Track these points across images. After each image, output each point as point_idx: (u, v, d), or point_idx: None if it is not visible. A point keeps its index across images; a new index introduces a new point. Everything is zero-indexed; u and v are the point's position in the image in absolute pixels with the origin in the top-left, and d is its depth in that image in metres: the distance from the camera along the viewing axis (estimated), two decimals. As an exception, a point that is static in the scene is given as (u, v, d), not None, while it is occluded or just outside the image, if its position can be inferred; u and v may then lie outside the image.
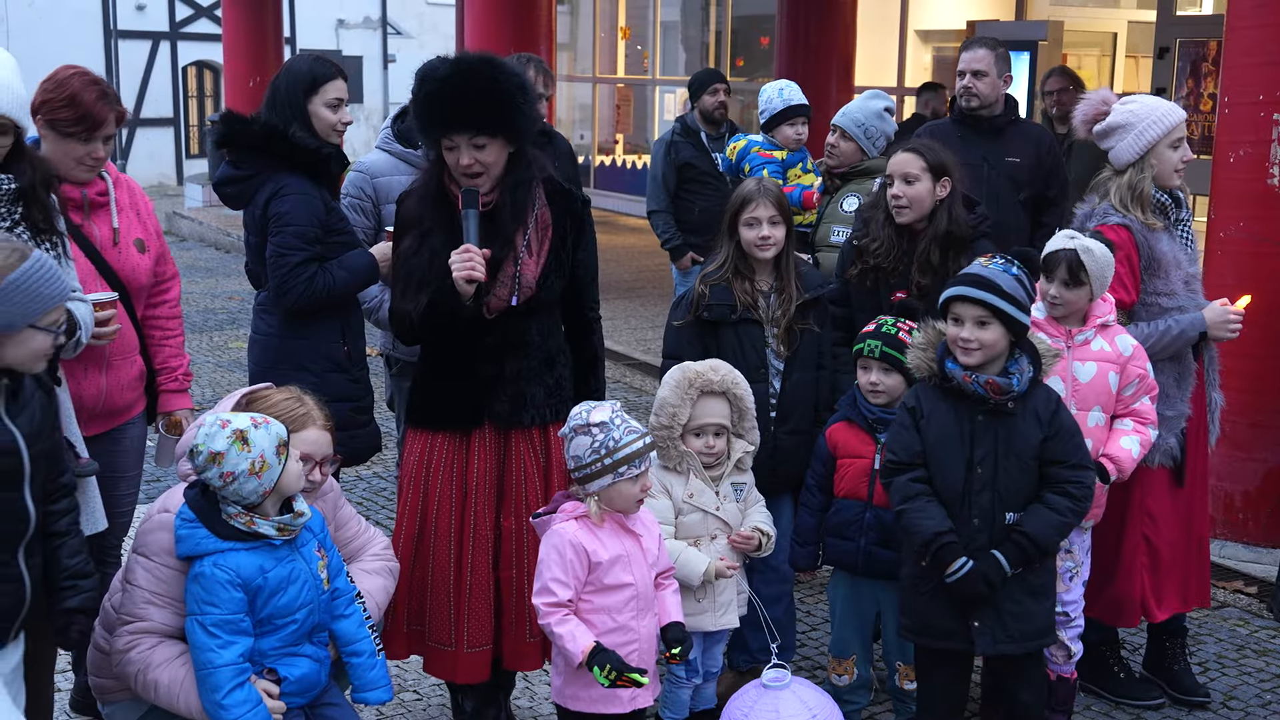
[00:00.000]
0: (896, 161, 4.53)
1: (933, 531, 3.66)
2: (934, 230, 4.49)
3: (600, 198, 18.01)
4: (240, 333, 10.49)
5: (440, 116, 3.76)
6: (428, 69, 3.80)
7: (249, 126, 4.54)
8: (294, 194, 4.43)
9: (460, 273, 3.71)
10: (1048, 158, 6.00)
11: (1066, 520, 3.73)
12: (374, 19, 27.78)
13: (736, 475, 4.08)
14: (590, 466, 3.48)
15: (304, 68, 4.60)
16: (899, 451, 3.77)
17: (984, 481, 3.70)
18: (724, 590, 4.02)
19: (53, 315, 3.05)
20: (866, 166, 5.54)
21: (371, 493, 6.87)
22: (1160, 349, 4.37)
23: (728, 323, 4.32)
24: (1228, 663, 5.09)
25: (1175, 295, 4.40)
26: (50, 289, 3.04)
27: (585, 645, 3.42)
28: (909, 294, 4.45)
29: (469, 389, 3.94)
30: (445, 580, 3.97)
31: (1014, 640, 3.76)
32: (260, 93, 5.09)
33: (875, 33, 13.95)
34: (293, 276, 4.40)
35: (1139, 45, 13.12)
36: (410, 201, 3.97)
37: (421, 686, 4.70)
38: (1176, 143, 4.40)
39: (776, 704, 3.67)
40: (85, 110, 3.84)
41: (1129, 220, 4.37)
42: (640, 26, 19.72)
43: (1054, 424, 3.74)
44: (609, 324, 10.76)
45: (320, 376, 4.51)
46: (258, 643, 3.23)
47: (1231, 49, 5.98)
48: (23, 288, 2.98)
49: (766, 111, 6.09)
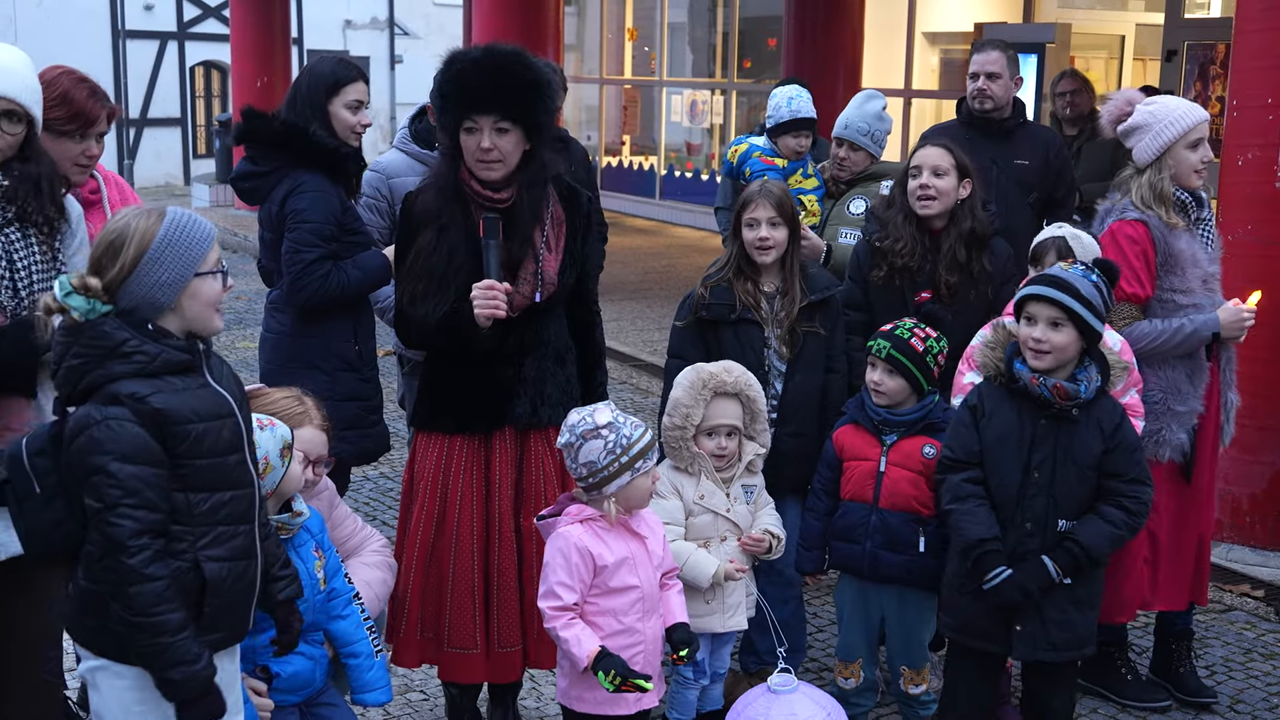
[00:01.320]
0: (927, 155, 4.54)
1: (978, 538, 3.67)
2: (959, 229, 4.53)
3: (607, 199, 17.99)
4: (248, 332, 10.50)
5: (468, 95, 3.75)
6: (459, 52, 3.83)
7: (269, 123, 4.58)
8: (311, 191, 4.46)
9: (483, 311, 3.73)
10: (1056, 160, 5.99)
11: (1120, 533, 3.73)
12: (381, 19, 27.82)
13: (747, 477, 4.09)
14: (608, 469, 3.45)
15: (327, 69, 4.64)
16: (955, 449, 3.77)
17: (1040, 486, 3.69)
18: (733, 592, 4.03)
19: (211, 256, 2.93)
20: (874, 170, 5.55)
21: (379, 493, 6.87)
22: (1172, 346, 4.40)
23: (726, 323, 4.32)
24: (1235, 666, 5.08)
25: (1192, 293, 4.41)
26: (199, 231, 2.91)
27: (590, 650, 3.41)
28: (934, 294, 4.48)
29: (491, 390, 3.94)
30: (469, 583, 3.96)
31: (1054, 649, 3.76)
32: (267, 92, 5.11)
33: (882, 34, 13.93)
34: (308, 273, 4.42)
35: (1147, 48, 13.09)
36: (425, 196, 3.93)
37: (428, 687, 4.70)
38: (1194, 143, 4.40)
39: (782, 709, 3.66)
40: (78, 108, 3.84)
41: (1147, 216, 4.39)
42: (647, 28, 19.71)
43: (1116, 436, 3.73)
44: (615, 325, 10.81)
45: (331, 375, 4.53)
46: (250, 640, 3.22)
47: (1240, 52, 5.98)
48: (175, 239, 2.87)
49: (773, 119, 6.06)
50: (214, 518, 2.91)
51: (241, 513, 2.97)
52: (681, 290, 4.71)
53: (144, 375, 2.83)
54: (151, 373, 2.83)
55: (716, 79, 18.19)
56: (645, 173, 18.87)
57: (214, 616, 2.93)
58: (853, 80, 12.26)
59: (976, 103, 5.84)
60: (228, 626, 2.99)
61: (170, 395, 2.83)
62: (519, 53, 3.83)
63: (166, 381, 2.85)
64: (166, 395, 2.83)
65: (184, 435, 2.84)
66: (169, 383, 2.85)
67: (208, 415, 2.89)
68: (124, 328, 2.84)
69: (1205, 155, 4.42)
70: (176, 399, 2.84)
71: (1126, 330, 4.39)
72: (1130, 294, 4.38)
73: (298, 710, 3.39)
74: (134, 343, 2.83)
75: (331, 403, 4.37)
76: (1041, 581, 3.68)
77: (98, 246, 2.90)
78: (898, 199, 4.63)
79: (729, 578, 3.96)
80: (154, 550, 2.78)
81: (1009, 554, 3.70)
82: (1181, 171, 4.42)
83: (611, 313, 11.27)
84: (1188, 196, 4.43)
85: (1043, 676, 3.89)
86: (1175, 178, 4.42)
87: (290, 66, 16.01)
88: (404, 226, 3.98)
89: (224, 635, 3.00)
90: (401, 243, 3.99)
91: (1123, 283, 4.35)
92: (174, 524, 2.85)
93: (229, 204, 17.66)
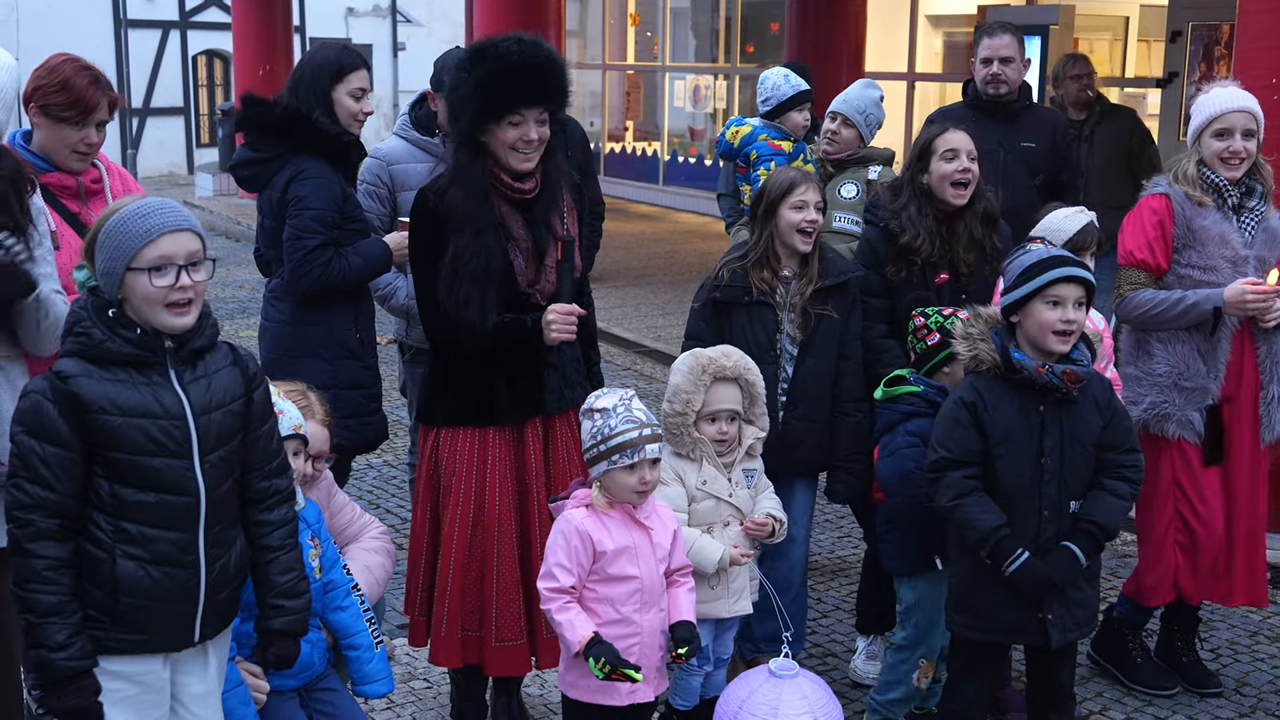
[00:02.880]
0: (959, 139, 4.48)
1: (992, 526, 3.65)
2: (975, 209, 4.53)
3: (610, 185, 17.99)
4: (251, 322, 10.50)
5: (518, 90, 3.73)
6: (490, 48, 3.76)
7: (270, 110, 4.58)
8: (314, 178, 4.45)
9: (560, 335, 3.81)
10: (1061, 143, 5.97)
11: (1127, 504, 3.76)
12: (383, 7, 27.76)
13: (747, 461, 4.08)
14: (590, 451, 3.51)
15: (331, 55, 4.62)
16: (953, 449, 3.70)
17: (1052, 472, 3.69)
18: (737, 577, 4.02)
19: (148, 254, 2.81)
20: (863, 154, 5.51)
21: (382, 480, 6.88)
22: (1171, 317, 4.42)
23: (741, 304, 4.34)
24: (1240, 649, 5.08)
25: (1215, 270, 4.42)
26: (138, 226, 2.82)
27: (583, 635, 3.41)
28: (953, 274, 4.48)
29: (528, 379, 3.96)
30: (513, 575, 3.95)
31: (1079, 627, 3.80)
32: (270, 81, 5.12)
33: (885, 18, 13.89)
34: (309, 260, 4.41)
35: (1151, 29, 13.04)
36: (454, 195, 3.83)
37: (432, 674, 4.70)
38: (1220, 133, 4.42)
39: (778, 694, 3.62)
40: (78, 95, 3.84)
41: (1171, 191, 4.47)
42: (650, 13, 19.67)
43: (1111, 409, 3.76)
44: (619, 311, 10.80)
45: (333, 364, 4.53)
46: (245, 625, 3.21)
47: (1244, 33, 5.95)
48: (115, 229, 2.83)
49: (774, 99, 6.01)
50: (135, 516, 2.85)
51: (170, 520, 2.88)
52: (685, 276, 4.72)
53: (84, 358, 2.82)
54: (91, 357, 2.82)
55: (719, 64, 18.16)
56: (649, 158, 18.85)
57: (135, 618, 2.88)
58: (856, 64, 12.22)
59: (990, 88, 5.77)
60: (156, 631, 2.92)
61: (95, 382, 2.80)
62: (543, 42, 3.84)
63: (101, 369, 2.82)
64: (92, 381, 2.80)
65: (98, 425, 2.80)
66: (104, 371, 2.82)
67: (132, 411, 2.82)
68: (87, 307, 2.85)
69: (1232, 145, 4.41)
70: (99, 387, 2.80)
71: (1131, 294, 4.47)
72: (1140, 260, 4.45)
73: (297, 695, 3.39)
74: (85, 324, 2.83)
75: (334, 391, 4.39)
76: (1072, 570, 3.67)
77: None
78: (906, 187, 4.56)
79: (734, 563, 3.95)
80: (39, 528, 2.76)
81: (1030, 545, 3.66)
82: (1207, 157, 4.47)
83: (615, 299, 11.26)
84: (1222, 180, 4.44)
85: (1052, 654, 3.87)
86: (1204, 162, 4.48)
87: (292, 55, 15.97)
88: (431, 224, 3.86)
89: (150, 639, 2.93)
90: (427, 240, 3.89)
91: (1134, 249, 4.47)
92: (94, 509, 2.83)
93: (233, 193, 17.65)
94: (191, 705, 3.05)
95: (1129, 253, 4.51)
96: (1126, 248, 4.52)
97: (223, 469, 2.97)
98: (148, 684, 2.95)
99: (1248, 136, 4.42)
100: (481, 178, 3.81)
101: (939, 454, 3.73)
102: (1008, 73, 5.75)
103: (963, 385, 3.81)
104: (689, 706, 4.16)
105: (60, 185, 3.95)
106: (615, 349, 9.80)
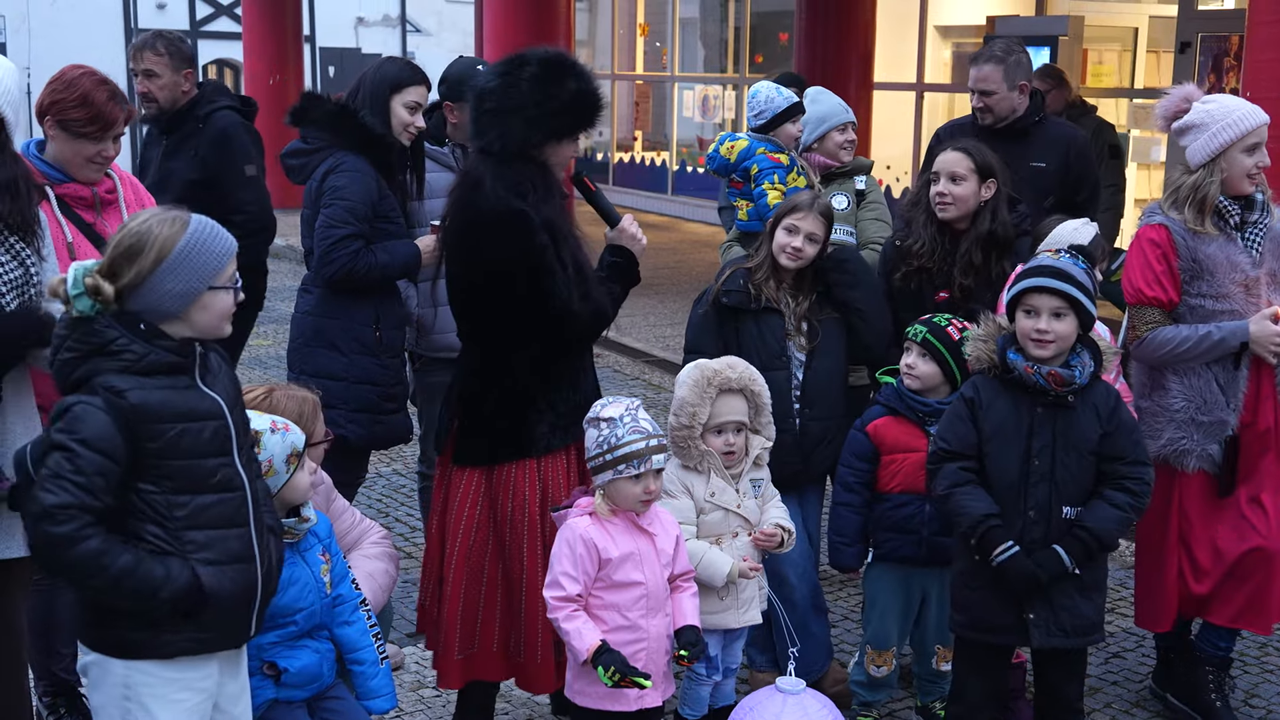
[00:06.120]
0: (944, 160, 4.52)
1: (981, 514, 3.70)
2: (977, 232, 4.50)
3: (619, 194, 18.01)
4: (260, 329, 10.50)
5: (595, 114, 3.90)
6: (572, 67, 3.83)
7: (323, 104, 4.75)
8: (351, 171, 4.58)
9: (643, 238, 4.12)
10: (1077, 162, 5.69)
11: (1128, 516, 3.75)
12: (393, 17, 27.85)
13: (754, 471, 4.09)
14: (594, 460, 3.54)
15: (394, 69, 4.82)
16: (952, 441, 3.80)
17: (1041, 474, 3.72)
18: (746, 587, 4.03)
19: (227, 271, 2.95)
20: (852, 167, 5.52)
21: (391, 490, 6.89)
22: (1198, 354, 4.24)
23: (748, 311, 4.37)
24: (1249, 660, 5.07)
25: (1228, 298, 4.22)
26: (219, 245, 2.93)
27: (591, 643, 3.43)
28: (951, 294, 4.48)
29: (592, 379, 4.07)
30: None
31: (1066, 634, 3.79)
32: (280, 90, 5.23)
33: (894, 28, 13.88)
34: (337, 249, 4.51)
35: (1160, 40, 13.02)
36: (547, 212, 3.80)
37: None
38: (1252, 147, 4.20)
39: (794, 711, 3.64)
40: (98, 110, 3.86)
41: (1169, 220, 4.27)
42: (659, 23, 19.70)
43: (1113, 419, 3.76)
44: (627, 320, 10.79)
45: (348, 357, 4.64)
46: (257, 638, 3.23)
47: (1253, 44, 5.97)
48: (194, 251, 2.88)
49: (768, 111, 5.97)
50: (200, 521, 2.91)
51: (231, 517, 2.97)
52: (694, 285, 4.75)
53: (128, 373, 2.84)
54: (137, 371, 2.85)
55: (728, 74, 18.17)
56: (657, 168, 18.87)
57: (208, 618, 2.94)
58: (865, 75, 12.23)
59: (977, 115, 5.64)
60: (222, 630, 3.00)
61: (150, 393, 2.84)
62: None
63: (150, 380, 2.86)
64: (146, 392, 2.84)
65: (159, 434, 2.84)
66: (152, 381, 2.86)
67: (186, 416, 2.89)
68: (115, 325, 2.85)
69: (1262, 160, 4.22)
70: (156, 396, 2.85)
71: (1150, 335, 4.27)
72: (1151, 298, 4.25)
73: (305, 706, 3.40)
74: (122, 341, 2.84)
75: (346, 384, 4.55)
76: (1054, 570, 3.70)
77: (114, 248, 2.89)
78: (923, 197, 4.60)
79: (743, 576, 3.96)
80: (83, 523, 2.76)
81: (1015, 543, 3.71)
82: (1234, 175, 4.22)
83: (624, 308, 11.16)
84: (1229, 204, 4.25)
85: (1054, 664, 3.91)
86: (1226, 182, 4.23)
87: (302, 64, 16.03)
88: (540, 240, 3.77)
89: (218, 636, 3.00)
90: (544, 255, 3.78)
91: (1143, 286, 4.27)
92: (142, 521, 2.86)
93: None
94: (225, 705, 3.10)
95: (1138, 290, 4.29)
96: (1135, 285, 4.30)
97: (252, 459, 3.09)
98: (207, 690, 3.02)
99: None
100: (560, 188, 3.92)
101: (939, 445, 3.83)
102: (989, 102, 5.55)
103: (967, 383, 3.91)
104: (697, 716, 4.16)
105: (75, 196, 3.97)
106: (623, 358, 9.80)
